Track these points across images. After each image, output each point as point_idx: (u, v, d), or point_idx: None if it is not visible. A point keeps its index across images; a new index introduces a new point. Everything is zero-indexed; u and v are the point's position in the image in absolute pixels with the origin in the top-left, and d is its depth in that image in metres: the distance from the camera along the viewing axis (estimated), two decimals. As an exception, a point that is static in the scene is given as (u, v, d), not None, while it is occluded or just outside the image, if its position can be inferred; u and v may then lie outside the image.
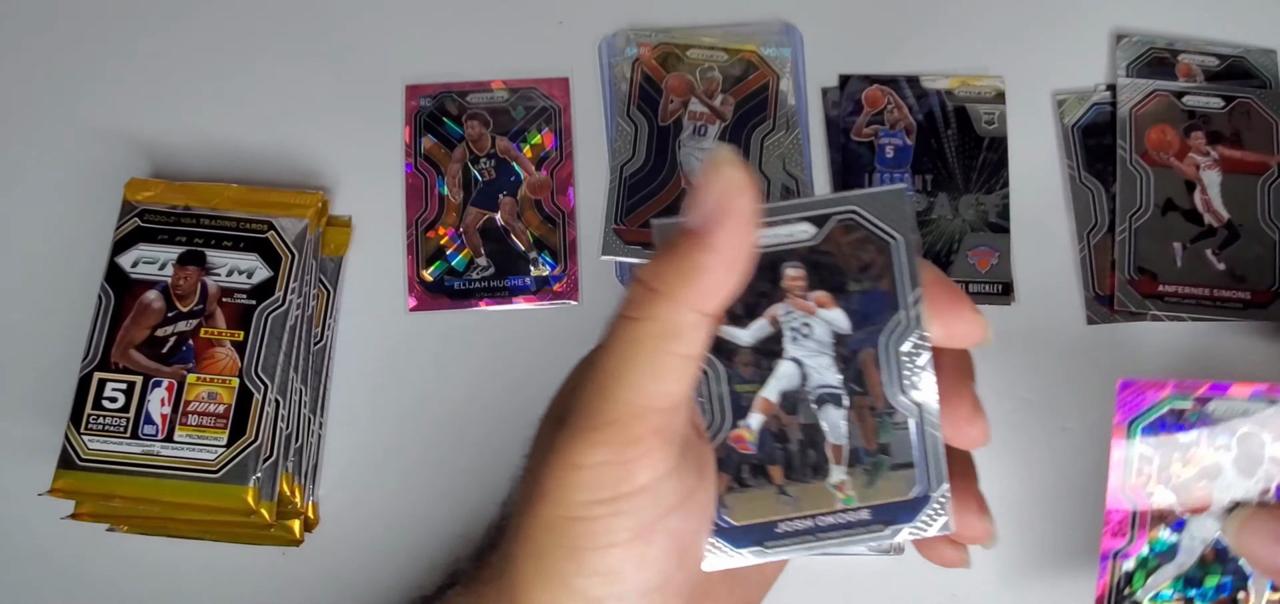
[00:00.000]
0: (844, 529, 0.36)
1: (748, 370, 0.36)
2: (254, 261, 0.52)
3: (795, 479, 0.36)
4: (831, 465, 0.36)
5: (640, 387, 0.29)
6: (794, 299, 0.36)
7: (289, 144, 0.58)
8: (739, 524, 0.36)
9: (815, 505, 0.36)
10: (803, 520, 0.36)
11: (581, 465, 0.29)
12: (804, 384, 0.36)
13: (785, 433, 0.36)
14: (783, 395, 0.36)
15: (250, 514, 0.49)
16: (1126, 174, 0.57)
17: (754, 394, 0.36)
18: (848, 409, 0.36)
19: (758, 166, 0.57)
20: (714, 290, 0.29)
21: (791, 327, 0.36)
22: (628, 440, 0.28)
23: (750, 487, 0.36)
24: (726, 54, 0.59)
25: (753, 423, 0.36)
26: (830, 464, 0.36)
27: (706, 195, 0.29)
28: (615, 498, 0.29)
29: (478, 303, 0.56)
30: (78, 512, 0.50)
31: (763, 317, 0.36)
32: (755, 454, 0.36)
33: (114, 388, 0.50)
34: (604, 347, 0.30)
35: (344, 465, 0.54)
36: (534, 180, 0.58)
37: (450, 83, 0.59)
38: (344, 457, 0.54)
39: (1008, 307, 0.55)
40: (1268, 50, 0.59)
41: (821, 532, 0.36)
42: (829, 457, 0.36)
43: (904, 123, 0.58)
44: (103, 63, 0.60)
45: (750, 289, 0.34)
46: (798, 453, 0.36)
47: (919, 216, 0.57)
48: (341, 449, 0.54)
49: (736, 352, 0.36)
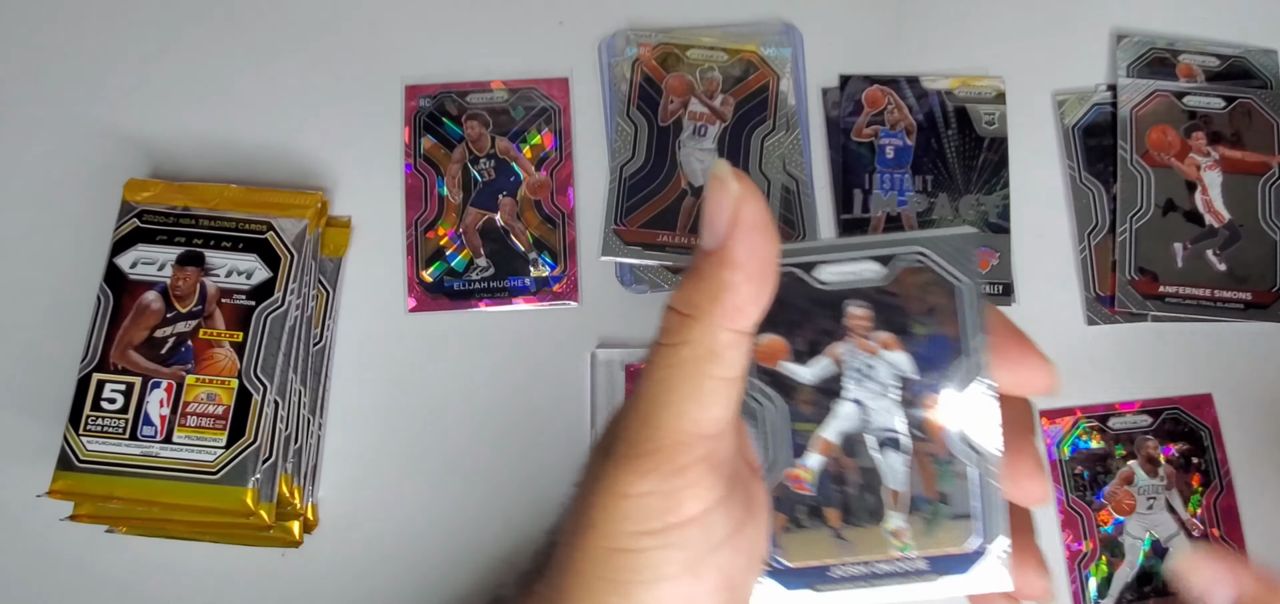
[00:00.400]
0: (899, 577, 0.35)
1: (808, 409, 0.35)
2: (253, 262, 0.52)
3: (852, 523, 0.35)
4: (889, 511, 0.36)
5: (684, 412, 0.28)
6: (858, 339, 0.36)
7: (289, 144, 0.58)
8: (794, 566, 0.35)
9: (871, 551, 0.35)
10: (858, 566, 0.35)
11: (628, 495, 0.28)
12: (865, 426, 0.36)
13: (844, 475, 0.36)
14: (843, 437, 0.36)
15: (249, 515, 0.49)
16: (1127, 174, 0.56)
17: (813, 434, 0.35)
18: (908, 454, 0.36)
19: (758, 167, 0.57)
20: (744, 306, 0.29)
21: (854, 367, 0.36)
22: (674, 469, 0.28)
23: (806, 528, 0.35)
24: (726, 54, 0.59)
25: (811, 463, 0.35)
26: (888, 509, 0.36)
27: (717, 213, 0.29)
28: (664, 528, 0.28)
29: (477, 303, 0.56)
30: (77, 513, 0.50)
31: (825, 355, 0.36)
32: (813, 495, 0.36)
33: (113, 389, 0.50)
34: (644, 375, 0.30)
35: (344, 466, 0.54)
36: (534, 180, 0.58)
37: (450, 83, 0.59)
38: (344, 457, 0.54)
39: (1008, 307, 0.55)
40: (1268, 50, 0.59)
41: (877, 578, 0.35)
42: (887, 502, 0.36)
43: (904, 123, 0.58)
44: (103, 63, 0.60)
45: (813, 326, 0.35)
46: (856, 496, 0.36)
47: (919, 217, 0.57)
48: (341, 449, 0.54)
49: (797, 389, 0.35)
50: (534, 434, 0.54)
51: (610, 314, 0.56)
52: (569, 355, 0.55)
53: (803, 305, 0.35)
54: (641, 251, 0.55)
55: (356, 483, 0.54)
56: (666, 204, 0.56)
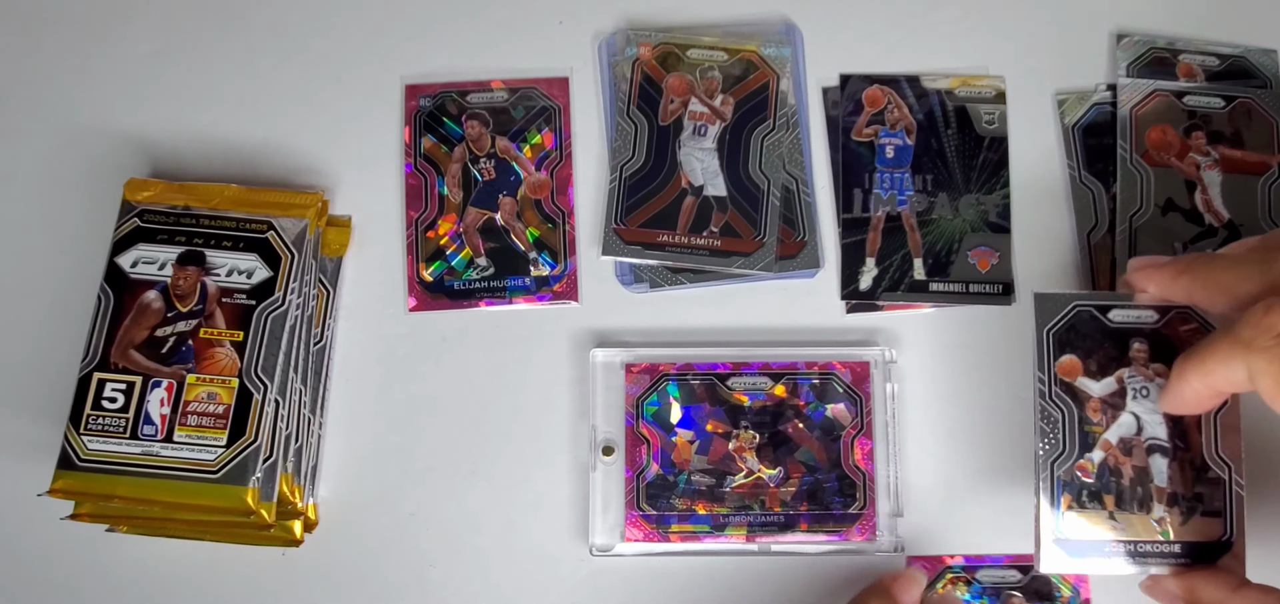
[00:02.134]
0: (1159, 557, 0.46)
1: (1095, 415, 0.47)
2: (254, 262, 0.52)
3: (1124, 509, 0.46)
4: (1155, 503, 0.46)
5: None
6: (1138, 366, 0.47)
7: (289, 144, 0.58)
8: (1076, 538, 0.46)
9: (1138, 534, 0.46)
10: (1127, 542, 0.46)
11: None
12: (1139, 434, 0.47)
13: (1120, 470, 0.46)
14: (1120, 440, 0.47)
15: (250, 515, 0.49)
16: (1127, 174, 0.57)
17: (1098, 434, 0.47)
18: (1172, 460, 0.46)
19: (758, 166, 0.57)
20: None
21: (1134, 387, 0.47)
22: None
23: (1088, 509, 0.46)
24: (727, 54, 0.59)
25: (1095, 457, 0.46)
26: (1154, 502, 0.46)
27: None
28: None
29: (478, 303, 0.56)
30: (77, 512, 0.50)
31: (1111, 376, 0.47)
32: (1094, 483, 0.46)
33: (113, 388, 0.50)
34: None
35: (344, 465, 0.54)
36: (534, 180, 0.58)
37: (450, 82, 0.59)
38: (344, 457, 0.54)
39: (1008, 306, 0.55)
40: (1268, 50, 0.59)
41: (1140, 556, 0.46)
42: (1154, 495, 0.46)
43: (904, 122, 0.58)
44: (103, 63, 0.60)
45: (1104, 353, 0.47)
46: (1128, 488, 0.46)
47: (919, 217, 0.57)
48: (341, 449, 0.54)
49: (1088, 399, 0.47)
50: (534, 433, 0.54)
51: (610, 314, 0.56)
52: (569, 355, 0.56)
53: (1097, 337, 0.48)
54: (641, 251, 0.56)
55: (356, 482, 0.54)
56: (666, 204, 0.56)
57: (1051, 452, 0.47)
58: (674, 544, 0.52)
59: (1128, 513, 0.46)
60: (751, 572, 0.53)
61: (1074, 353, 0.47)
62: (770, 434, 0.53)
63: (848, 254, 0.56)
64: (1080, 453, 0.47)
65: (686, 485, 0.52)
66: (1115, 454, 0.46)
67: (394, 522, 0.54)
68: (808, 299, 0.56)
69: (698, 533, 0.52)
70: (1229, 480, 0.46)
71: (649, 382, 0.53)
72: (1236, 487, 0.46)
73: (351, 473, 0.54)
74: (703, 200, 0.56)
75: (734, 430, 0.53)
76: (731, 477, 0.52)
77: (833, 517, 0.52)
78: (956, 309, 0.56)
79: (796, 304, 0.56)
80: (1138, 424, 0.47)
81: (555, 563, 0.53)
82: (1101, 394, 0.47)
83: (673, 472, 0.52)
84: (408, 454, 0.54)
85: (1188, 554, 0.46)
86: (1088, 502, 0.46)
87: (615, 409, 0.53)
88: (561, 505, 0.54)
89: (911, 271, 0.56)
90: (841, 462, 0.52)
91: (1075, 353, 0.47)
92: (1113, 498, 0.46)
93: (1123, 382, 0.47)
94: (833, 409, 0.53)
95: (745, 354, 0.54)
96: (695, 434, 0.53)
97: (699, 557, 0.53)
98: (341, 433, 0.54)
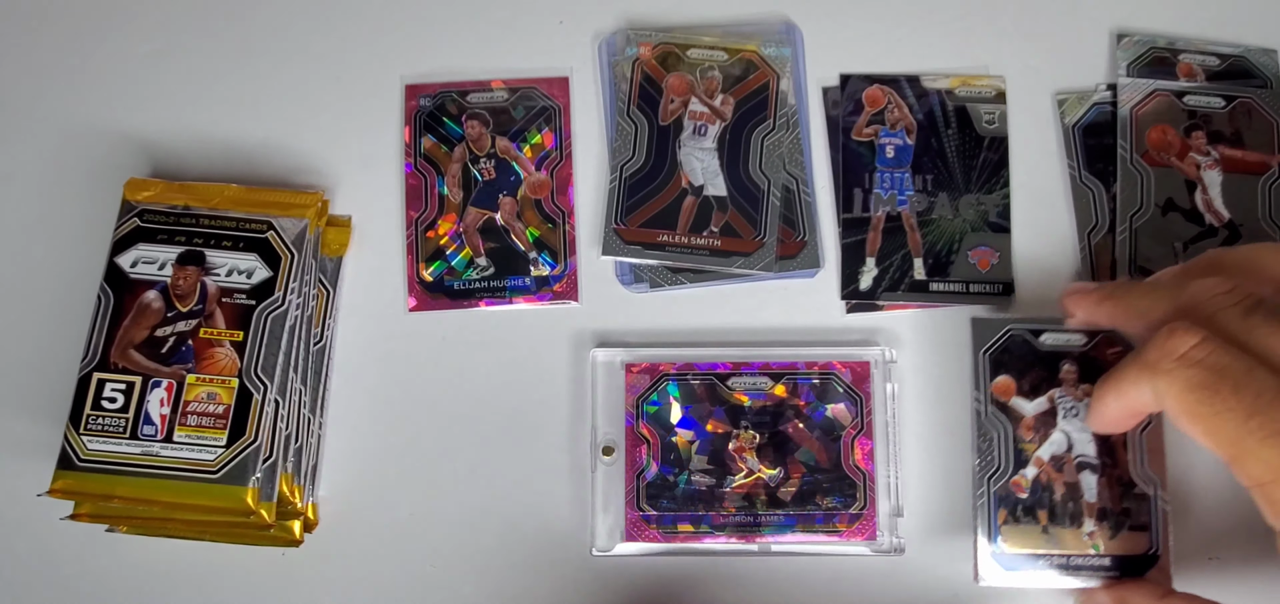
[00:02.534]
0: (1089, 570, 0.48)
1: (1028, 434, 0.49)
2: (253, 261, 0.52)
3: (1056, 524, 0.48)
4: (1086, 518, 0.48)
5: None
6: (1068, 387, 0.49)
7: (289, 144, 0.58)
8: (1011, 552, 0.49)
9: (1070, 548, 0.48)
10: (1059, 557, 0.48)
11: None
12: (1069, 452, 0.49)
13: (1052, 486, 0.49)
14: (1052, 457, 0.49)
15: (250, 515, 0.49)
16: (1127, 174, 0.56)
17: (1031, 452, 0.49)
18: (1101, 476, 0.49)
19: (758, 166, 0.57)
20: None
21: (1064, 407, 0.49)
22: None
23: (1022, 523, 0.49)
24: (727, 53, 0.59)
25: (1028, 474, 0.49)
26: (1085, 517, 0.49)
27: None
28: None
29: (478, 303, 0.56)
30: (77, 512, 0.50)
31: (1043, 396, 0.49)
32: (1027, 498, 0.49)
33: (113, 388, 0.50)
34: None
35: (344, 465, 0.54)
36: (534, 180, 0.58)
37: (450, 82, 0.59)
38: (344, 457, 0.54)
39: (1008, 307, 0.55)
40: (1268, 50, 0.59)
41: (1072, 569, 0.48)
42: (1084, 511, 0.49)
43: (904, 122, 0.58)
44: (103, 62, 0.60)
45: (1037, 374, 0.50)
46: (1060, 504, 0.49)
47: (919, 217, 0.57)
48: (341, 449, 0.54)
49: (1022, 418, 0.49)
50: (534, 434, 0.54)
51: (610, 314, 0.56)
52: (569, 355, 0.55)
53: (1029, 359, 0.50)
54: (642, 251, 0.56)
55: (356, 482, 0.54)
56: (666, 203, 0.56)
57: (987, 468, 0.49)
58: (674, 544, 0.52)
59: (1060, 528, 0.48)
60: (751, 572, 0.53)
61: (1008, 374, 0.50)
62: (770, 434, 0.53)
63: (848, 254, 0.56)
64: (1015, 470, 0.49)
65: (686, 485, 0.52)
66: (1047, 471, 0.49)
67: (394, 522, 0.54)
68: (808, 299, 0.56)
69: (698, 533, 0.52)
70: (1155, 496, 0.48)
71: (649, 382, 0.53)
72: (1162, 502, 0.48)
73: (351, 473, 0.54)
74: (703, 200, 0.56)
75: (734, 430, 0.53)
76: (731, 477, 0.52)
77: (833, 517, 0.52)
78: (957, 309, 0.56)
79: (796, 304, 0.56)
80: (1068, 442, 0.49)
81: (555, 563, 0.53)
82: (1034, 413, 0.50)
83: (673, 472, 0.52)
84: (408, 454, 0.54)
85: (1117, 567, 0.48)
86: (1022, 517, 0.49)
87: (615, 409, 0.53)
88: (561, 506, 0.54)
89: (911, 271, 0.56)
90: (842, 462, 0.52)
91: (1009, 374, 0.50)
92: (1046, 513, 0.49)
93: (1053, 401, 0.49)
94: (833, 409, 0.53)
95: (745, 354, 0.54)
96: (695, 434, 0.53)
97: (699, 557, 0.53)
98: (341, 433, 0.54)
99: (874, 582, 0.53)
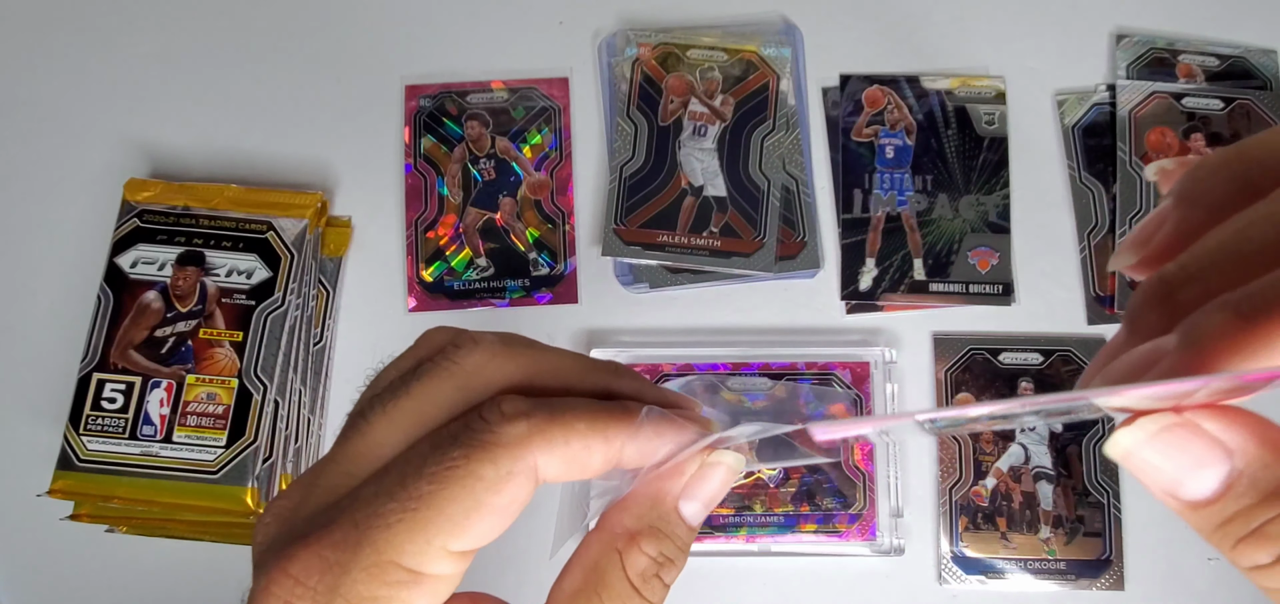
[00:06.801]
0: (1047, 574, 0.51)
1: (988, 447, 0.52)
2: (253, 262, 0.52)
3: (1014, 530, 0.51)
4: (1042, 525, 0.51)
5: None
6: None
7: (289, 144, 0.58)
8: (971, 556, 0.51)
9: (1027, 552, 0.51)
10: (1017, 561, 0.51)
11: None
12: (1026, 463, 0.52)
13: (1010, 495, 0.52)
14: (1011, 468, 0.52)
15: (249, 515, 0.49)
16: (1126, 176, 0.56)
17: (991, 464, 0.52)
18: (1056, 486, 0.51)
19: (758, 167, 0.57)
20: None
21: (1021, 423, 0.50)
22: None
23: (982, 530, 0.52)
24: (726, 54, 0.59)
25: (988, 484, 0.52)
26: (1041, 524, 0.51)
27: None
28: None
29: (478, 303, 0.56)
30: (77, 513, 0.50)
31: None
32: (987, 506, 0.51)
33: (113, 388, 0.50)
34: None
35: (343, 466, 0.54)
36: (534, 180, 0.58)
37: (450, 83, 0.59)
38: (343, 457, 0.54)
39: (1008, 307, 0.55)
40: (1268, 50, 0.59)
41: (1029, 573, 0.51)
42: (1041, 518, 0.51)
43: (904, 123, 0.58)
44: (103, 63, 0.60)
45: (996, 391, 0.53)
46: (1018, 511, 0.51)
47: (919, 217, 0.57)
48: (341, 449, 0.54)
49: (981, 433, 0.52)
50: (534, 434, 0.54)
51: (610, 314, 0.56)
52: (569, 355, 0.55)
53: (989, 376, 0.53)
54: (641, 251, 0.55)
55: (356, 483, 0.54)
56: (666, 204, 0.56)
57: (949, 479, 0.52)
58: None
59: (1018, 534, 0.51)
60: (751, 572, 0.53)
61: (969, 390, 0.53)
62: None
63: (848, 254, 0.56)
64: (975, 480, 0.52)
65: (686, 486, 0.52)
66: (1006, 481, 0.52)
67: (394, 522, 0.54)
68: (808, 299, 0.56)
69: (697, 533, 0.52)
70: (1108, 504, 0.51)
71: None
72: (1115, 510, 0.51)
73: (351, 473, 0.54)
74: (703, 200, 0.56)
75: (734, 431, 0.53)
76: (731, 477, 0.52)
77: (833, 517, 0.52)
78: (957, 309, 0.56)
79: (796, 304, 0.56)
80: (1026, 454, 0.52)
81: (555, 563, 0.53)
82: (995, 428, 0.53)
83: (672, 472, 0.52)
84: (407, 454, 0.54)
85: (1072, 571, 0.51)
86: (982, 524, 0.52)
87: (615, 409, 0.53)
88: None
89: (911, 272, 0.56)
90: (842, 462, 0.52)
91: (970, 390, 0.53)
92: (1004, 520, 0.51)
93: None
94: (833, 409, 0.53)
95: (745, 354, 0.54)
96: (695, 434, 0.53)
97: (699, 557, 0.53)
98: (341, 433, 0.54)
99: (874, 581, 0.53)
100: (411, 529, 0.23)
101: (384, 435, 0.26)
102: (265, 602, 0.24)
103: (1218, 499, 0.21)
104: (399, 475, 0.24)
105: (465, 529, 0.24)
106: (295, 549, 0.24)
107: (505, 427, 0.24)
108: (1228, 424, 0.22)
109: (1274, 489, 0.21)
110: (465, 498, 0.23)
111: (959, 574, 0.51)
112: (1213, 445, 0.22)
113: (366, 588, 0.23)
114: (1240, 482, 0.21)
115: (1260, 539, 0.21)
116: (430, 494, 0.23)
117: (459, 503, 0.23)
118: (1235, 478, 0.21)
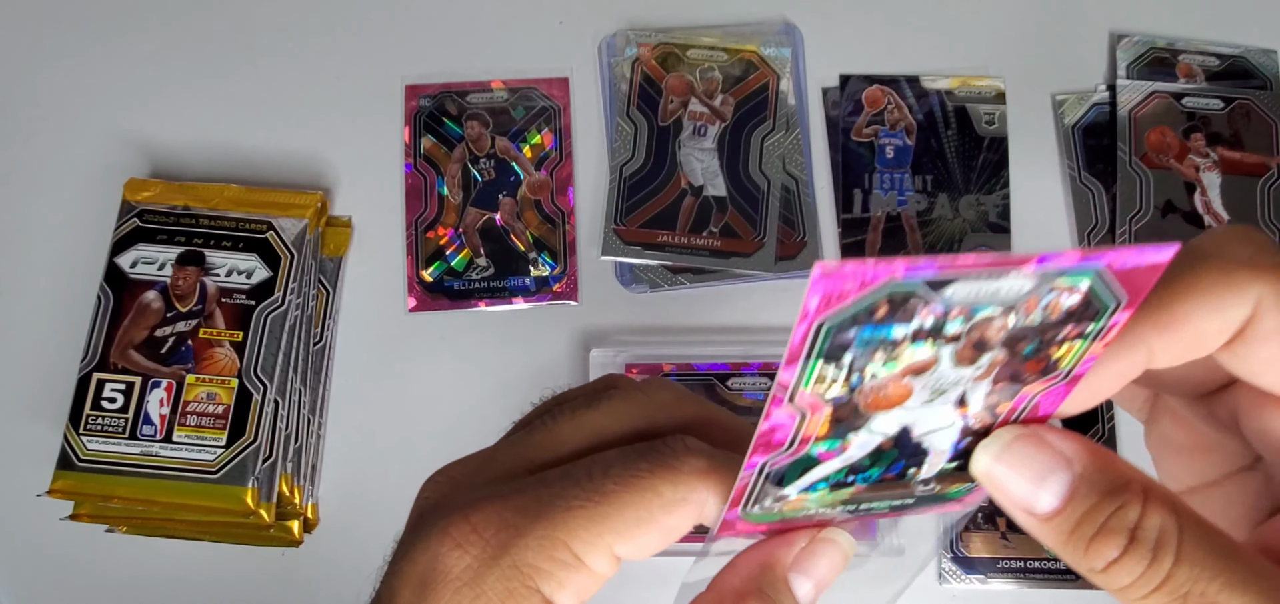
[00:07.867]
0: (1047, 575, 0.51)
1: None
2: (253, 262, 0.52)
3: (1014, 530, 0.51)
4: None
5: None
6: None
7: (289, 144, 0.58)
8: (972, 556, 0.51)
9: (1027, 552, 0.51)
10: (1018, 561, 0.51)
11: None
12: None
13: None
14: None
15: (249, 515, 0.49)
16: (1126, 176, 0.57)
17: None
18: None
19: (758, 167, 0.57)
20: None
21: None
22: None
23: (983, 529, 0.52)
24: (726, 54, 0.59)
25: None
26: None
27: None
28: None
29: (477, 303, 0.56)
30: (77, 512, 0.50)
31: None
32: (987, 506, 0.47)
33: (113, 388, 0.50)
34: None
35: (344, 465, 0.54)
36: (534, 180, 0.58)
37: (450, 83, 0.59)
38: (344, 457, 0.54)
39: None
40: (1268, 50, 0.59)
41: (1030, 574, 0.51)
42: None
43: (904, 123, 0.58)
44: (103, 63, 0.60)
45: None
46: None
47: (919, 216, 0.57)
48: (341, 449, 0.54)
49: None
50: (534, 434, 0.54)
51: (610, 314, 0.56)
52: (569, 355, 0.55)
53: None
54: (641, 251, 0.56)
55: (356, 483, 0.54)
56: (666, 204, 0.56)
57: None
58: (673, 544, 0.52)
59: (1018, 534, 0.51)
60: (751, 572, 0.53)
61: None
62: (770, 435, 0.53)
63: (848, 254, 0.56)
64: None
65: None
66: None
67: (394, 521, 0.53)
68: (807, 299, 0.56)
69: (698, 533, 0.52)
70: None
71: (649, 382, 0.53)
72: None
73: (351, 473, 0.54)
74: (702, 200, 0.56)
75: (734, 431, 0.53)
76: (731, 477, 0.52)
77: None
78: (956, 310, 0.56)
79: (796, 304, 0.56)
80: None
81: None
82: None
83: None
84: (408, 454, 0.54)
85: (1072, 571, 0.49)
86: (982, 523, 0.52)
87: (615, 409, 0.53)
88: (561, 506, 0.53)
89: (911, 272, 0.56)
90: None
91: None
92: (1005, 520, 0.51)
93: None
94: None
95: (745, 354, 0.54)
96: (695, 434, 0.53)
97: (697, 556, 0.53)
98: (341, 433, 0.54)
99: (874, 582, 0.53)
100: (589, 519, 0.25)
101: (568, 435, 0.28)
102: (440, 540, 0.27)
103: (1064, 507, 0.24)
104: (587, 469, 0.26)
105: (633, 536, 0.26)
106: (481, 502, 0.26)
107: (689, 457, 0.26)
108: (1063, 436, 0.24)
109: (1112, 486, 0.23)
110: (641, 507, 0.26)
111: (959, 574, 0.51)
112: (1056, 456, 0.24)
113: (534, 557, 0.25)
114: (1082, 486, 0.24)
115: (1107, 534, 0.23)
116: (613, 493, 0.25)
117: (635, 510, 0.25)
118: (1078, 483, 0.24)
